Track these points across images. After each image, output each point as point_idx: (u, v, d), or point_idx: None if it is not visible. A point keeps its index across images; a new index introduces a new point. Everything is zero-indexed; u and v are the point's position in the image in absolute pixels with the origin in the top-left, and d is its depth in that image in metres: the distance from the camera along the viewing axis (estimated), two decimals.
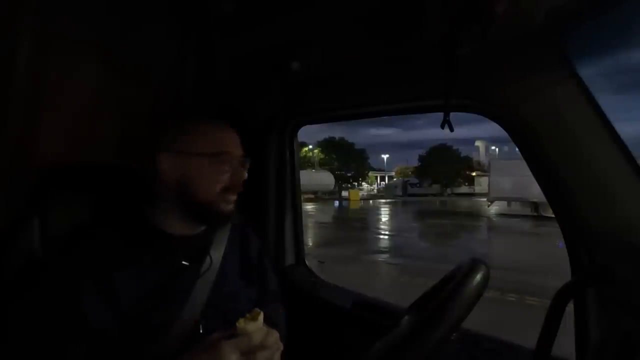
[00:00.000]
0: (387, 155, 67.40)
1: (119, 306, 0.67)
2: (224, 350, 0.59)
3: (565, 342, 0.75)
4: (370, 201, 30.70)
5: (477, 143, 50.20)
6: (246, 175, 0.80)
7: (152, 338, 0.69)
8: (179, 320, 0.72)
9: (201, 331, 0.74)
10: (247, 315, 0.65)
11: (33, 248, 0.77)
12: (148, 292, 0.70)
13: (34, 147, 0.90)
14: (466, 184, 41.26)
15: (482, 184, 31.13)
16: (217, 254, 0.82)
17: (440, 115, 0.77)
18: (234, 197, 0.79)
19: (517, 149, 0.82)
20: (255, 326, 0.64)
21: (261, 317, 0.65)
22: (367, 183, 49.14)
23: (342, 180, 39.02)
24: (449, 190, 39.74)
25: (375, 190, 45.90)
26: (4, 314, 0.66)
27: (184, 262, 0.76)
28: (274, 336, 0.71)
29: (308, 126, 1.41)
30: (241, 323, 0.63)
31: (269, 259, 1.02)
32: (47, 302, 0.65)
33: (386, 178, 53.90)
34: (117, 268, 0.69)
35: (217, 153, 0.75)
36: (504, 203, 19.04)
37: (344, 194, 34.09)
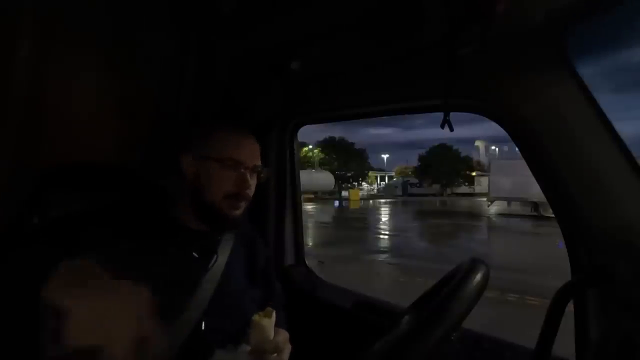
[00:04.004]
0: (387, 155, 67.66)
1: None
2: None
3: (565, 342, 0.75)
4: (370, 201, 30.66)
5: (477, 143, 50.14)
6: (253, 186, 0.81)
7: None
8: (183, 315, 0.72)
9: (203, 328, 0.74)
10: (260, 313, 0.72)
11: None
12: (158, 282, 0.70)
13: (34, 147, 0.90)
14: (466, 184, 41.24)
15: (482, 183, 31.13)
16: (223, 252, 0.84)
17: (440, 115, 0.77)
18: (240, 204, 0.81)
19: (517, 149, 0.82)
20: (269, 322, 0.71)
21: (274, 315, 0.72)
22: (367, 183, 49.11)
23: (342, 180, 39.04)
24: (449, 190, 39.71)
25: (375, 190, 45.82)
26: None
27: (194, 254, 0.79)
28: (284, 336, 0.74)
29: (308, 126, 1.42)
30: (257, 317, 0.71)
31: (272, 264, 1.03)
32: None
33: (386, 178, 53.85)
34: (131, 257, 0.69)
35: (224, 159, 0.78)
36: (504, 203, 19.05)
37: (344, 193, 34.05)
